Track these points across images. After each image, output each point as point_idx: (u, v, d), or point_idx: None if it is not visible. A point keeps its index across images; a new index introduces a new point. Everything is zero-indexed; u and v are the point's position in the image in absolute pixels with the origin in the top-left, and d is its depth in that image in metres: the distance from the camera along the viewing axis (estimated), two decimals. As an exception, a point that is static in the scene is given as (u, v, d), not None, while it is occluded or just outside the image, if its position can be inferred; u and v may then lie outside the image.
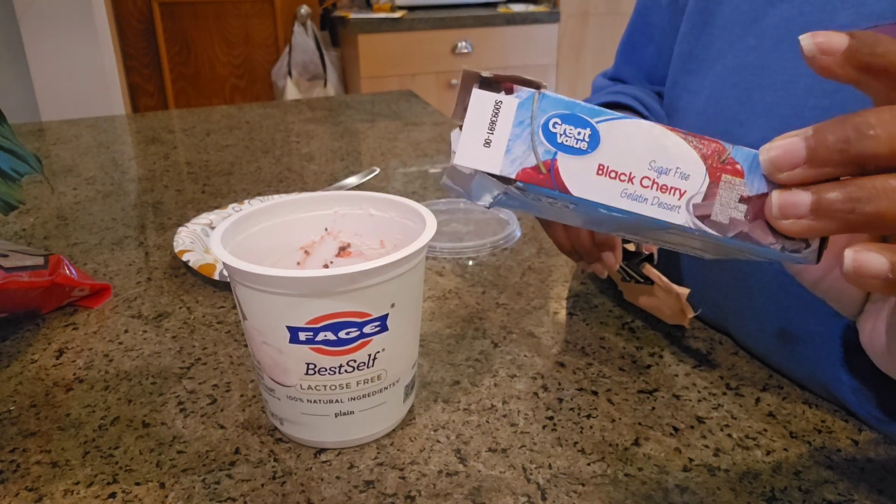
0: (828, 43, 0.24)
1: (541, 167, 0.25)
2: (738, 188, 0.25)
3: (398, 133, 1.06)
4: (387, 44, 2.54)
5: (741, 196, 0.25)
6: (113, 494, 0.36)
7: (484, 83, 0.25)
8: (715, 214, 0.25)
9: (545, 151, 0.25)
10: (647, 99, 0.58)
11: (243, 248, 0.40)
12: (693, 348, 0.49)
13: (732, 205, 0.25)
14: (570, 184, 0.25)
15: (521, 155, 0.24)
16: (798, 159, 0.24)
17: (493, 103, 0.24)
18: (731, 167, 0.25)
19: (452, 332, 0.51)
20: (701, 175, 0.25)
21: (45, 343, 0.51)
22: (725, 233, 0.25)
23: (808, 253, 0.26)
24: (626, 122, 0.25)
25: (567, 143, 0.25)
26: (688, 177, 0.25)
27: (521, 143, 0.24)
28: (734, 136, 0.48)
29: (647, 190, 0.25)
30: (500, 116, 0.24)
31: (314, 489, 0.37)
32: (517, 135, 0.24)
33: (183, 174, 0.89)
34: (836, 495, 0.36)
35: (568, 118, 0.24)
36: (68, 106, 2.23)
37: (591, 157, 0.25)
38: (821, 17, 0.42)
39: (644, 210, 0.25)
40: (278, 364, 0.37)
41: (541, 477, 0.37)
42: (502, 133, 0.24)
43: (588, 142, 0.25)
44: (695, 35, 0.53)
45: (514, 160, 0.25)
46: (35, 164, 0.52)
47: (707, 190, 0.25)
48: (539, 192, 0.25)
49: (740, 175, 0.25)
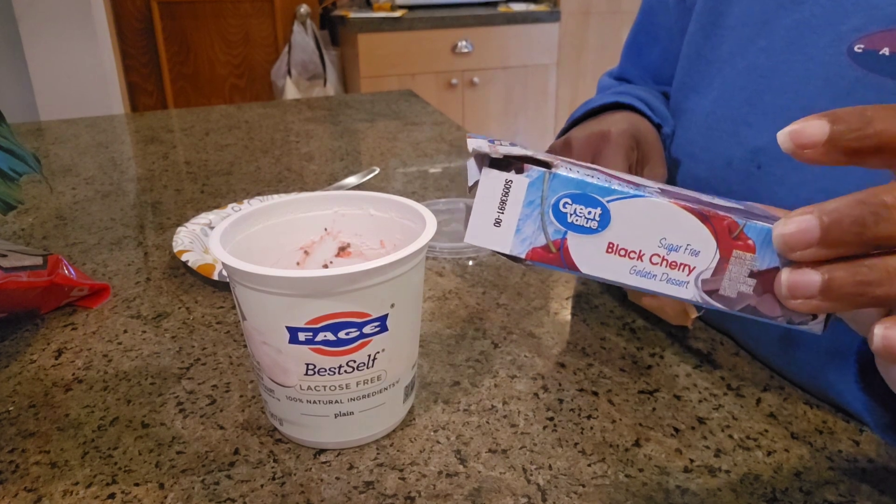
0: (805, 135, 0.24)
1: (550, 246, 0.25)
2: (748, 263, 0.25)
3: (398, 133, 1.06)
4: (387, 43, 2.54)
5: (751, 271, 0.25)
6: (112, 495, 0.36)
7: (494, 163, 0.24)
8: (723, 289, 0.25)
9: (555, 231, 0.25)
10: (652, 100, 0.58)
11: (242, 248, 0.40)
12: (694, 349, 0.49)
13: (742, 279, 0.25)
14: (579, 262, 0.25)
15: (530, 235, 0.25)
16: (812, 240, 0.23)
17: (503, 183, 0.24)
18: (742, 243, 0.25)
19: (452, 333, 0.51)
20: (711, 251, 0.25)
21: (44, 343, 0.51)
22: (733, 307, 0.25)
23: (815, 324, 0.26)
24: (637, 201, 0.24)
25: (577, 222, 0.25)
26: (698, 253, 0.25)
27: (531, 224, 0.24)
28: (742, 138, 0.48)
29: (657, 267, 0.25)
30: (511, 196, 0.24)
31: (314, 490, 0.37)
32: (527, 215, 0.24)
33: (182, 174, 0.89)
34: (837, 496, 0.36)
35: (579, 198, 0.24)
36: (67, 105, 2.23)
37: (602, 235, 0.24)
38: (832, 19, 0.42)
39: (652, 286, 0.25)
40: (278, 364, 0.37)
41: (541, 478, 0.37)
42: (512, 213, 0.24)
43: (598, 221, 0.24)
44: (703, 36, 0.53)
45: (524, 240, 0.25)
46: (34, 163, 0.52)
47: (717, 265, 0.25)
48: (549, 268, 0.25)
49: (752, 251, 0.25)
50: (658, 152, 0.52)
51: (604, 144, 0.49)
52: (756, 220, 0.25)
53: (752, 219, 0.25)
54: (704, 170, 0.51)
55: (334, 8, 2.81)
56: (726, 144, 0.49)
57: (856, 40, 0.40)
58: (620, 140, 0.49)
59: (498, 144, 0.27)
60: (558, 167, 0.25)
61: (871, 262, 0.23)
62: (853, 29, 0.41)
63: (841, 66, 0.41)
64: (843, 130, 0.23)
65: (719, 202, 0.28)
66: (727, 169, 0.48)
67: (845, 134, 0.23)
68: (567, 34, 2.76)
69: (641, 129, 0.52)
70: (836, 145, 0.24)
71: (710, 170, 0.51)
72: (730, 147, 0.48)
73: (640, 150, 0.51)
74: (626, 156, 0.48)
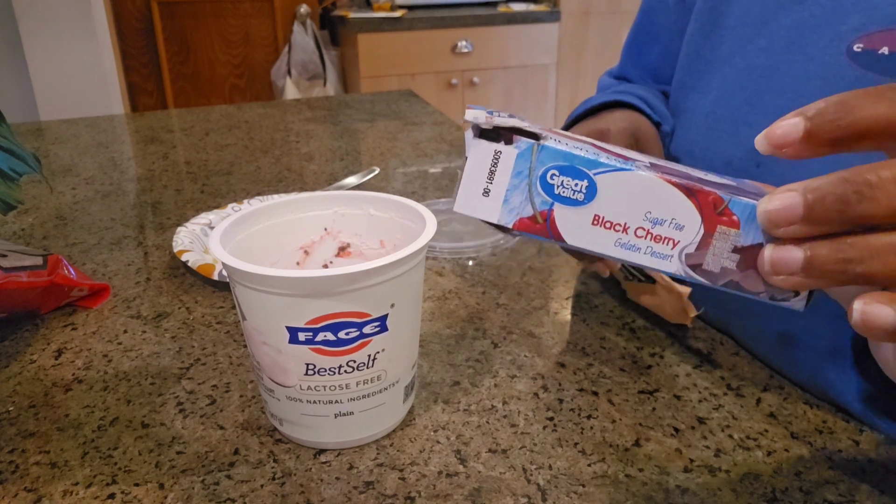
0: (778, 135, 0.24)
1: (537, 217, 0.25)
2: (732, 239, 0.25)
3: (398, 133, 1.06)
4: (386, 43, 2.54)
5: (735, 246, 0.25)
6: (112, 495, 0.36)
7: (484, 133, 0.25)
8: (707, 264, 0.25)
9: (542, 202, 0.25)
10: (651, 98, 0.58)
11: (242, 248, 0.40)
12: (694, 348, 0.49)
13: (725, 255, 0.25)
14: (565, 233, 0.25)
15: (518, 205, 0.25)
16: (796, 216, 0.24)
17: (492, 153, 0.24)
18: (727, 218, 0.25)
19: (452, 333, 0.51)
20: (696, 226, 0.25)
21: (43, 343, 0.51)
22: (715, 281, 0.26)
23: (797, 301, 0.26)
24: (624, 174, 0.24)
25: (564, 193, 0.25)
26: (682, 227, 0.25)
27: (518, 194, 0.25)
28: (742, 138, 0.48)
29: (641, 240, 0.25)
30: (500, 167, 0.25)
31: (314, 490, 0.37)
32: (515, 185, 0.25)
33: (182, 174, 0.89)
34: (837, 496, 0.36)
35: (566, 170, 0.25)
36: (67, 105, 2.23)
37: (588, 207, 0.25)
38: (831, 19, 0.42)
39: (636, 259, 0.25)
40: (278, 364, 0.37)
41: (541, 478, 0.37)
42: (501, 183, 0.25)
43: (585, 193, 0.25)
44: (703, 35, 0.53)
45: (511, 210, 0.25)
46: (34, 163, 0.52)
47: (701, 240, 0.25)
48: (535, 239, 0.25)
49: (736, 226, 0.25)
50: (657, 150, 0.52)
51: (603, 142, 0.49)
52: (741, 196, 0.25)
53: (738, 195, 0.25)
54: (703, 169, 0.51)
55: (334, 8, 2.81)
56: (726, 144, 0.49)
57: (855, 40, 0.41)
58: (620, 138, 0.49)
59: (496, 115, 0.27)
60: (547, 139, 0.25)
61: (854, 240, 0.23)
62: (852, 28, 0.41)
63: (840, 66, 0.41)
64: (821, 123, 0.24)
65: (711, 178, 0.28)
66: (726, 168, 0.48)
67: (823, 126, 0.24)
68: (567, 34, 2.76)
69: (641, 127, 0.52)
70: (815, 138, 0.24)
71: (710, 169, 0.51)
72: (729, 147, 0.48)
73: (640, 148, 0.51)
74: None
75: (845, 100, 0.24)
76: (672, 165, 0.28)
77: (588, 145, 0.26)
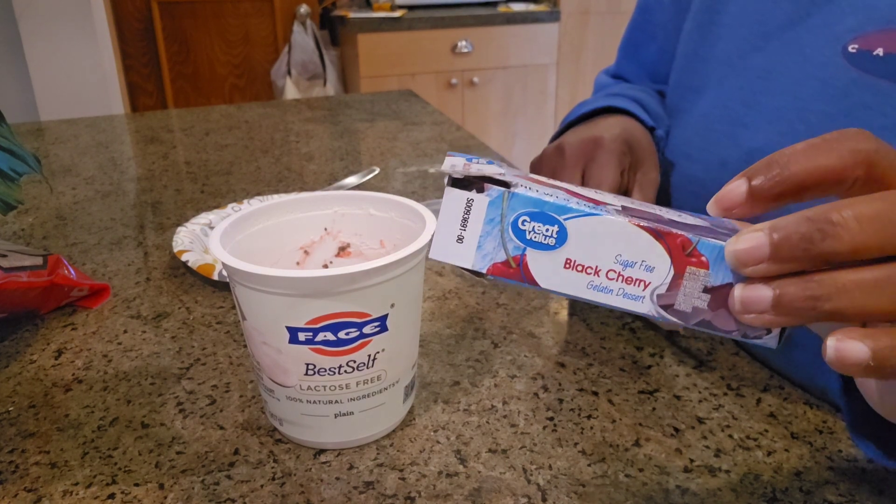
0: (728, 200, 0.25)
1: (510, 262, 0.26)
2: (702, 279, 0.26)
3: (398, 133, 1.06)
4: (386, 43, 2.54)
5: (705, 286, 0.26)
6: (112, 495, 0.36)
7: (456, 182, 0.26)
8: (678, 304, 0.26)
9: (515, 247, 0.26)
10: (646, 100, 0.58)
11: (242, 248, 0.40)
12: (694, 349, 0.49)
13: (696, 295, 0.26)
14: (538, 277, 0.26)
15: (491, 251, 0.26)
16: (762, 256, 0.24)
17: (464, 201, 0.25)
18: (696, 259, 0.25)
19: (452, 333, 0.51)
20: (666, 267, 0.26)
21: (43, 343, 0.51)
22: (688, 321, 0.26)
23: (769, 338, 0.26)
24: (593, 219, 0.25)
25: (535, 238, 0.26)
26: (653, 269, 0.26)
27: (491, 240, 0.26)
28: (739, 140, 0.48)
29: (613, 282, 0.26)
30: (472, 214, 0.25)
31: (314, 490, 0.37)
32: (488, 231, 0.26)
33: (182, 174, 0.89)
34: (837, 496, 0.36)
35: (536, 216, 0.25)
36: (67, 105, 2.23)
37: (559, 251, 0.26)
38: (827, 19, 0.42)
39: (609, 301, 0.26)
40: (278, 364, 0.37)
41: (541, 478, 0.37)
42: (474, 230, 0.26)
43: (556, 238, 0.26)
44: (700, 34, 0.53)
45: (485, 255, 0.26)
46: (34, 163, 0.52)
47: (671, 281, 0.26)
48: (509, 283, 0.26)
49: (705, 266, 0.25)
50: (651, 156, 0.51)
51: (597, 150, 0.49)
52: (710, 238, 0.25)
53: (707, 236, 0.25)
54: (700, 170, 0.51)
55: (334, 8, 2.81)
56: (722, 145, 0.49)
57: (850, 40, 0.40)
58: (613, 146, 0.49)
59: (474, 162, 0.28)
60: (517, 186, 0.26)
61: (821, 277, 0.24)
62: (848, 29, 0.41)
63: (836, 67, 0.41)
64: (759, 183, 0.25)
65: (685, 219, 0.28)
66: (722, 170, 0.48)
67: (763, 185, 0.25)
68: (566, 34, 2.76)
69: (635, 133, 0.52)
70: (758, 197, 0.25)
71: (706, 170, 0.51)
72: (726, 148, 0.48)
73: (633, 154, 0.50)
74: (619, 161, 0.48)
75: (783, 157, 0.25)
76: (644, 207, 0.29)
77: (561, 191, 0.27)
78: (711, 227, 0.27)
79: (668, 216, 0.28)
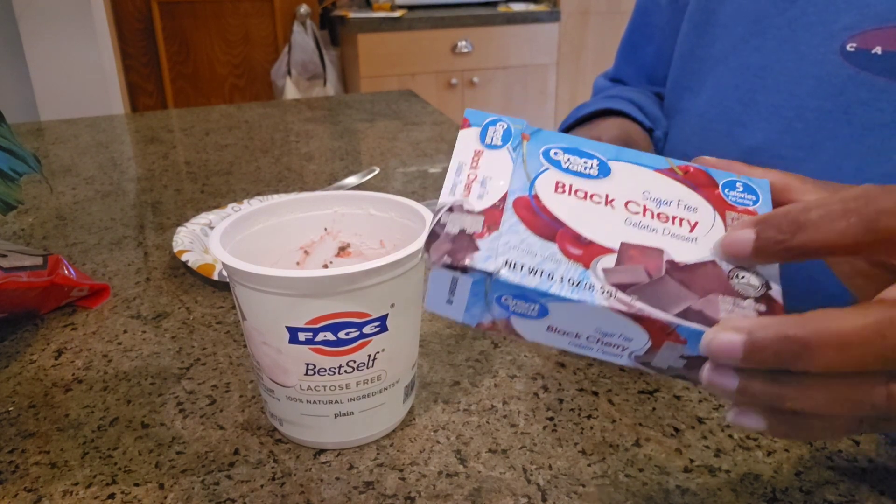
0: (732, 246, 0.26)
1: (497, 324, 0.28)
2: (679, 350, 0.27)
3: (398, 133, 1.06)
4: (386, 43, 2.54)
5: (682, 355, 0.27)
6: (112, 495, 0.36)
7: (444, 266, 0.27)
8: (655, 363, 0.28)
9: (500, 314, 0.28)
10: (644, 102, 0.58)
11: (242, 248, 0.40)
12: (693, 348, 0.49)
13: (673, 359, 0.27)
14: (523, 334, 0.28)
15: (478, 314, 0.28)
16: (734, 358, 0.24)
17: (450, 279, 0.27)
18: (674, 337, 0.26)
19: (452, 333, 0.51)
20: (643, 340, 0.27)
21: (43, 343, 0.51)
22: (665, 374, 0.28)
23: None
24: (573, 305, 0.26)
25: (518, 310, 0.27)
26: (630, 339, 0.27)
27: (478, 308, 0.28)
28: (736, 138, 0.48)
29: (594, 343, 0.28)
30: (458, 288, 0.27)
31: (314, 490, 0.37)
32: (474, 302, 0.27)
33: (182, 174, 0.89)
34: (837, 496, 0.36)
35: (519, 296, 0.27)
36: (67, 105, 2.23)
37: (542, 321, 0.27)
38: (824, 17, 0.42)
39: (590, 354, 0.28)
40: (278, 364, 0.37)
41: (541, 478, 0.37)
42: (461, 299, 0.28)
43: (538, 312, 0.27)
44: (696, 35, 0.53)
45: (472, 316, 0.28)
46: (34, 163, 0.52)
47: (649, 349, 0.27)
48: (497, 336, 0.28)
49: (682, 342, 0.26)
50: None
51: None
52: (690, 323, 0.26)
53: (687, 320, 0.26)
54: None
55: (334, 8, 2.81)
56: (720, 144, 0.49)
57: (848, 39, 0.40)
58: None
59: (499, 125, 0.30)
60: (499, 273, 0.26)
61: (787, 380, 0.24)
62: (845, 27, 0.41)
63: (833, 65, 0.41)
64: (768, 239, 0.25)
65: (693, 260, 0.28)
66: None
67: (769, 244, 0.25)
68: (566, 34, 2.76)
69: (633, 135, 0.52)
70: (763, 255, 0.25)
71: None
72: (724, 147, 0.48)
73: None
74: None
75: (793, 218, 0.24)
76: (643, 247, 0.28)
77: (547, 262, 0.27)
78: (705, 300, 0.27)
79: (671, 251, 0.28)
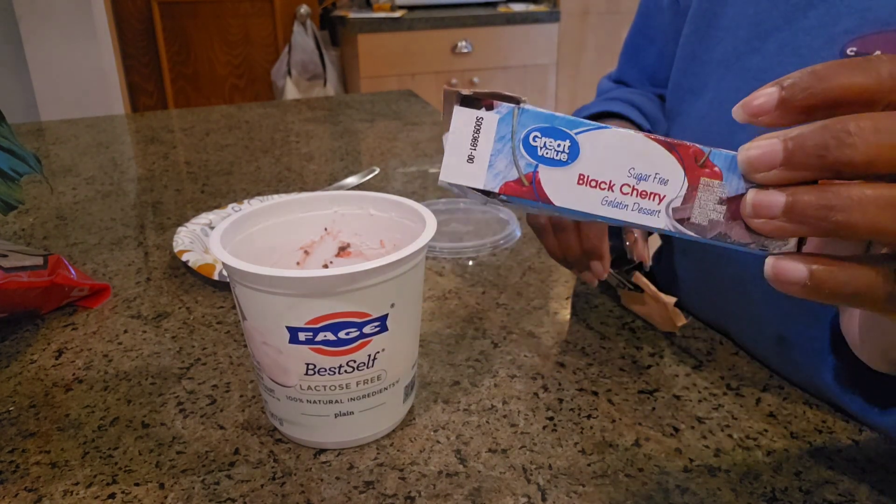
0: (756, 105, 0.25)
1: (523, 180, 0.25)
2: (716, 190, 0.25)
3: (398, 133, 1.06)
4: (386, 43, 2.54)
5: (720, 198, 0.25)
6: (112, 495, 0.36)
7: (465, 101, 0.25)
8: (694, 217, 0.26)
9: (527, 164, 0.25)
10: (644, 103, 0.58)
11: (243, 248, 0.40)
12: (693, 349, 0.49)
13: (711, 206, 0.26)
14: (551, 195, 0.25)
15: (503, 169, 0.25)
16: (775, 161, 0.24)
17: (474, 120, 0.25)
18: (709, 170, 0.25)
19: (452, 332, 0.51)
20: (680, 179, 0.25)
21: (44, 343, 0.51)
22: (704, 234, 0.26)
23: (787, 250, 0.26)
24: (604, 132, 0.25)
25: (547, 155, 0.25)
26: (667, 181, 0.25)
27: (503, 158, 0.25)
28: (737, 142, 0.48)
29: (627, 196, 0.26)
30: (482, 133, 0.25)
31: (314, 490, 0.37)
32: (499, 150, 0.25)
33: (182, 174, 0.89)
34: (836, 495, 0.36)
35: (548, 131, 0.25)
36: (68, 105, 2.23)
37: (572, 167, 0.25)
38: (825, 21, 0.42)
39: (625, 216, 0.26)
40: (278, 364, 0.37)
41: (541, 477, 0.37)
42: (484, 149, 0.25)
43: (568, 153, 0.25)
44: (698, 38, 0.53)
45: (496, 174, 0.25)
46: (34, 163, 0.52)
47: (686, 193, 0.25)
48: (522, 203, 0.26)
49: (718, 177, 0.25)
50: None
51: None
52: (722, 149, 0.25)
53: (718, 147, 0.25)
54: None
55: (334, 8, 2.81)
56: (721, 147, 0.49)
57: (848, 43, 0.40)
58: None
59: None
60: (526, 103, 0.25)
61: (837, 189, 0.23)
62: (845, 31, 0.41)
63: None
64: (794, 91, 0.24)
65: None
66: None
67: (797, 94, 0.24)
68: (566, 34, 2.76)
69: None
70: (789, 106, 0.24)
71: None
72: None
73: None
74: None
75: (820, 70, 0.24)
76: None
77: None
78: None
79: None
